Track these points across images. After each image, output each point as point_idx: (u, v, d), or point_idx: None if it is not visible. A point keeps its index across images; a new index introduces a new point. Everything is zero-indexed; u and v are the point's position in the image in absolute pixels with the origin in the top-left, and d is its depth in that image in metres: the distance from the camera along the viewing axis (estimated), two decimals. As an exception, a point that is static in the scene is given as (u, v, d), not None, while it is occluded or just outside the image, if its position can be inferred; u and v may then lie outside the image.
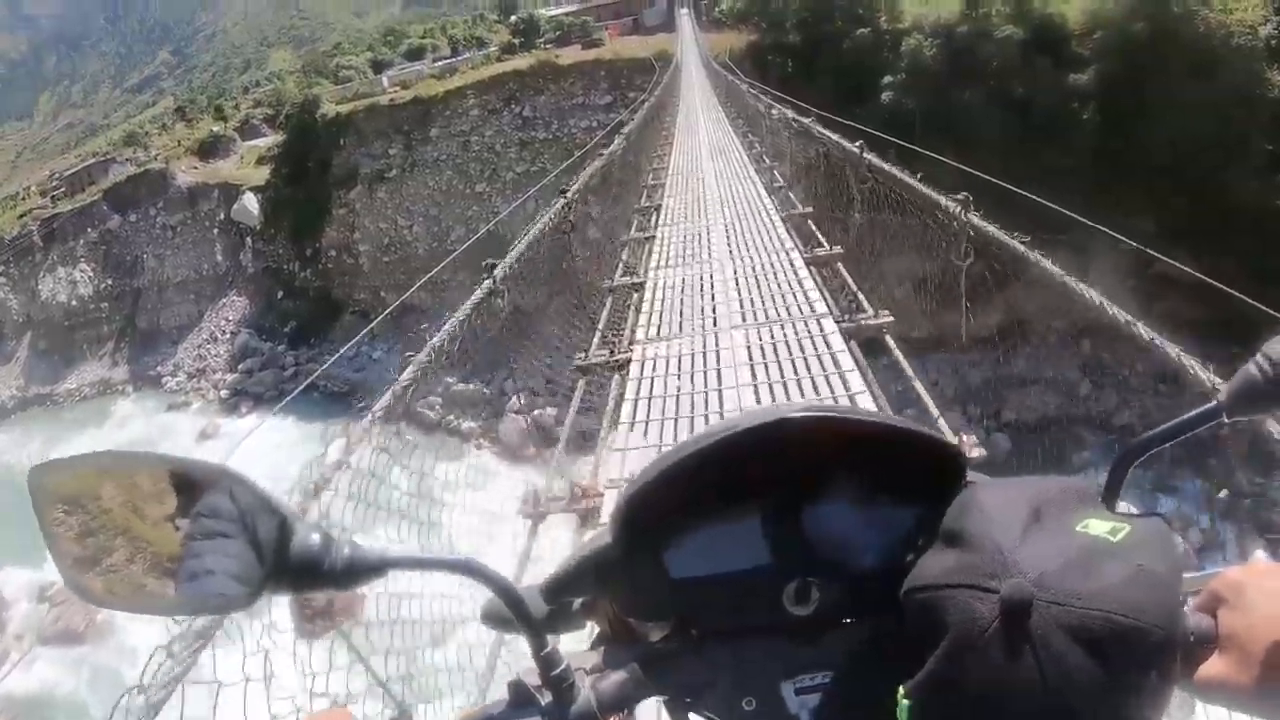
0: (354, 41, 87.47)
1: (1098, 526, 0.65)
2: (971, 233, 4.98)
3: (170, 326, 50.34)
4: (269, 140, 53.46)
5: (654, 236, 10.45)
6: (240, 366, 42.85)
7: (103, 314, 53.92)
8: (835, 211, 9.56)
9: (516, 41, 45.09)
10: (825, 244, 8.54)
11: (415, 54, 63.55)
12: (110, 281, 54.28)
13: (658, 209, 11.79)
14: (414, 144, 38.24)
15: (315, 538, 0.67)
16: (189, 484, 0.67)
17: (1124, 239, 4.58)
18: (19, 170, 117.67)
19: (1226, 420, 0.78)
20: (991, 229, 4.72)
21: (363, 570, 0.69)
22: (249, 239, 48.18)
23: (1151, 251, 4.66)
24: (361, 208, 39.68)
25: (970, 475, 0.80)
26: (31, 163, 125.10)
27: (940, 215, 5.44)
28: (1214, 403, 0.79)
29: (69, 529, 0.68)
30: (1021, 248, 4.26)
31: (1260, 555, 1.80)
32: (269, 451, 21.15)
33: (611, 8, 56.40)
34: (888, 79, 27.61)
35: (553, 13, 55.25)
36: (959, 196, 5.12)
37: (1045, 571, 0.61)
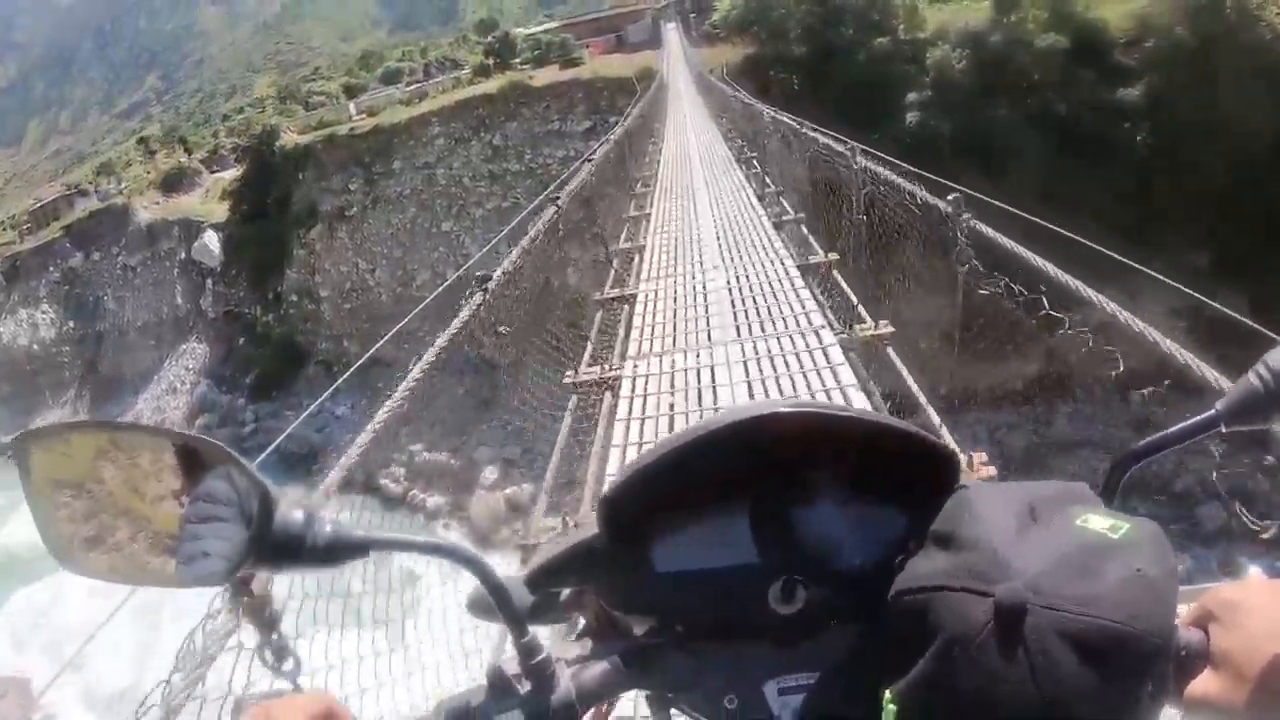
0: (334, 66, 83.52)
1: (1097, 522, 0.64)
2: (966, 236, 4.37)
3: (132, 373, 47.17)
4: (235, 172, 49.38)
5: (644, 245, 9.91)
6: (198, 422, 39.03)
7: (65, 358, 51.78)
8: (847, 251, 7.99)
9: (491, 62, 40.63)
10: (820, 250, 7.98)
11: (392, 78, 59.58)
12: (72, 324, 52.01)
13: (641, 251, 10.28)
14: (375, 178, 33.96)
15: (298, 514, 0.66)
16: (173, 455, 0.67)
17: (1172, 282, 3.40)
18: (6, 198, 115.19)
19: (1225, 430, 0.76)
20: (989, 230, 4.18)
21: (345, 549, 0.68)
22: (209, 280, 44.25)
23: (1200, 296, 3.44)
24: (322, 248, 35.46)
25: (964, 479, 0.76)
26: (20, 190, 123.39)
27: (937, 221, 4.86)
28: (1212, 411, 0.76)
29: (53, 497, 0.68)
30: (1023, 251, 3.70)
31: (1255, 571, 0.49)
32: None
33: (593, 24, 52.15)
34: (912, 96, 23.28)
35: (529, 31, 50.89)
36: (952, 198, 4.48)
37: (1040, 573, 0.59)
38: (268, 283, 39.08)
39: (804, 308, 6.38)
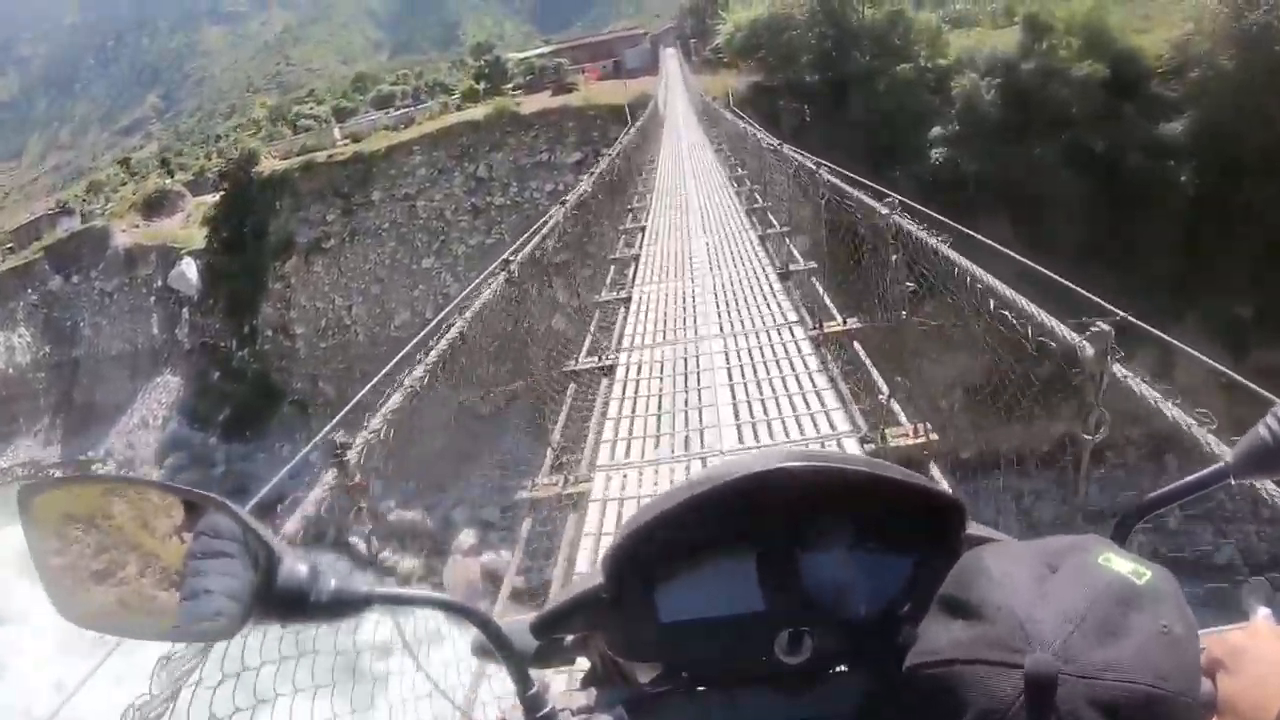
0: (331, 90, 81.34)
1: (1120, 564, 0.62)
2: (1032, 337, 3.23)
3: (106, 404, 44.88)
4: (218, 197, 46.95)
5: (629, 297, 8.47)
6: (167, 462, 36.63)
7: (40, 385, 49.90)
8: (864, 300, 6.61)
9: (481, 87, 38.11)
10: (837, 317, 6.60)
11: (384, 102, 57.26)
12: (49, 349, 50.11)
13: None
14: (354, 208, 31.36)
15: (302, 569, 0.66)
16: (177, 510, 0.67)
17: (1192, 350, 3.08)
18: (5, 212, 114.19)
19: (1234, 481, 0.77)
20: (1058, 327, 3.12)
21: (348, 604, 0.69)
22: (186, 310, 41.75)
23: (1231, 373, 2.78)
24: (298, 282, 32.85)
25: (970, 527, 0.78)
26: (19, 204, 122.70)
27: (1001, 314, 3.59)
28: (1222, 464, 0.78)
29: (57, 549, 0.67)
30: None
31: (1263, 613, 0.70)
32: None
33: (589, 49, 49.75)
34: (937, 130, 20.62)
35: (522, 55, 48.40)
36: (1097, 329, 3.01)
37: (1068, 639, 0.57)
38: (243, 316, 36.53)
39: (823, 403, 5.12)
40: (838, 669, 0.77)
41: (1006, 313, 3.59)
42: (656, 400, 5.64)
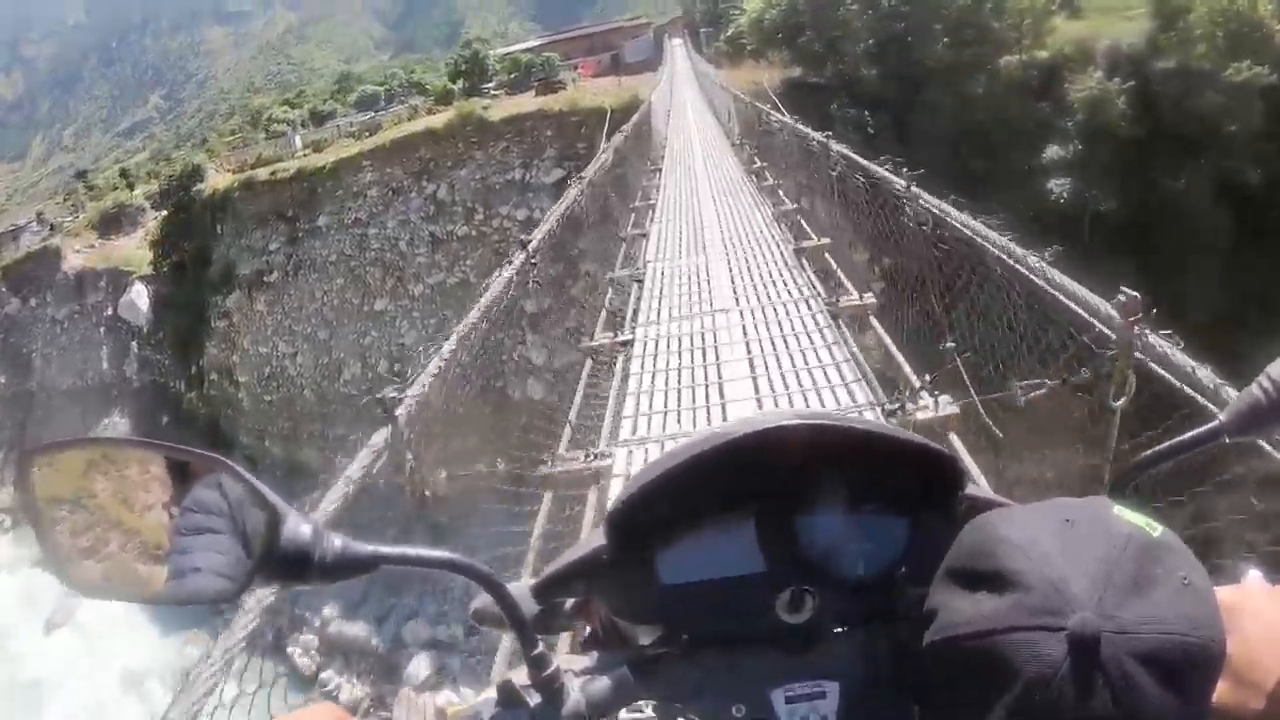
0: (316, 91, 75.92)
1: (1134, 518, 0.62)
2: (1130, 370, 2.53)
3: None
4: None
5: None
6: (103, 520, 31.09)
7: None
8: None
9: (457, 87, 32.45)
10: (854, 292, 5.98)
11: (368, 103, 51.66)
12: (4, 379, 44.38)
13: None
14: (299, 236, 25.95)
15: (305, 529, 0.65)
16: (181, 472, 0.66)
17: None
18: (7, 214, 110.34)
19: (1228, 440, 0.76)
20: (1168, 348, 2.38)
21: (353, 564, 0.67)
22: (135, 342, 36.52)
23: None
24: (240, 321, 27.55)
25: (970, 488, 0.78)
26: (21, 206, 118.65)
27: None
28: (1216, 422, 0.77)
29: (58, 514, 0.66)
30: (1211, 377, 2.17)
31: (1254, 574, 0.70)
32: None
33: (584, 42, 44.01)
34: (1054, 151, 14.55)
35: (506, 50, 42.55)
36: (1124, 297, 2.48)
37: (1103, 597, 0.58)
38: (190, 353, 31.33)
39: (843, 377, 4.71)
40: (837, 630, 0.76)
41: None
42: (676, 375, 5.29)
